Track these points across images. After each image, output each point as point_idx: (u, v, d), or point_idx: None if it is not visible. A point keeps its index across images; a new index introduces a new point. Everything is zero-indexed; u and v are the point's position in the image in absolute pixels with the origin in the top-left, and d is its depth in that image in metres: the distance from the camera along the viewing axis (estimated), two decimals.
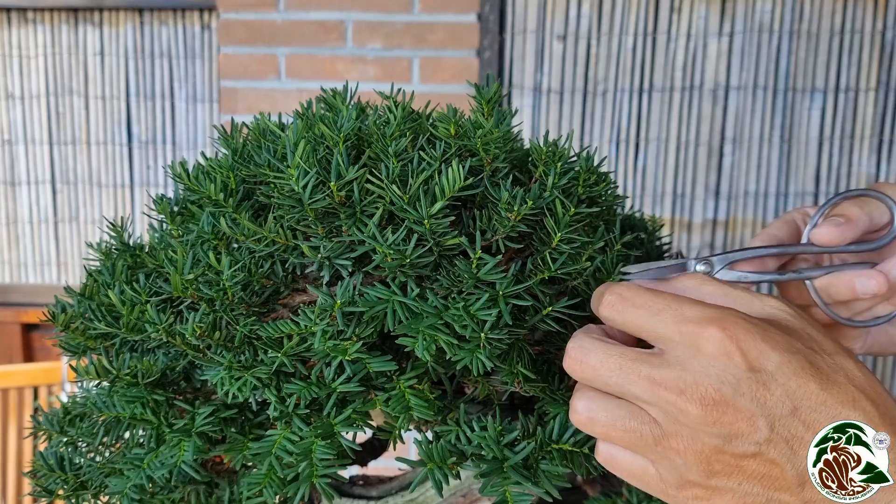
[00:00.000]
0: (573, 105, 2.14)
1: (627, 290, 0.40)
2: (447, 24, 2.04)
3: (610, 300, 0.41)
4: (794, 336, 0.38)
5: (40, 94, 2.47)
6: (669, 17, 2.08)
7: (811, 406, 0.36)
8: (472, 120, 0.48)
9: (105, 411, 0.50)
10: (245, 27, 2.09)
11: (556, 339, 0.49)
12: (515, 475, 0.43)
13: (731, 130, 2.10)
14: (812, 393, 0.36)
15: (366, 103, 0.53)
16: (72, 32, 2.44)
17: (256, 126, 0.52)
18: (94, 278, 0.55)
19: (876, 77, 2.05)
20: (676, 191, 2.14)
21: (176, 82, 2.43)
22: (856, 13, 2.03)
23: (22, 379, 1.79)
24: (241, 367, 0.47)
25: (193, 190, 0.49)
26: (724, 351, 0.36)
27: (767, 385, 0.36)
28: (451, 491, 0.54)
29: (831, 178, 2.10)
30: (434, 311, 0.43)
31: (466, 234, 0.45)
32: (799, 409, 0.36)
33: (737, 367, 0.36)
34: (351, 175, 0.44)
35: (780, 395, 0.36)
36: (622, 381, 0.38)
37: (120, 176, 2.50)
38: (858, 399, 0.36)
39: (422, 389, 0.47)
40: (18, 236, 2.56)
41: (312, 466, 0.46)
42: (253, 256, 0.47)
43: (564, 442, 0.45)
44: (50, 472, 0.55)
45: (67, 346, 0.54)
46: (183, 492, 0.53)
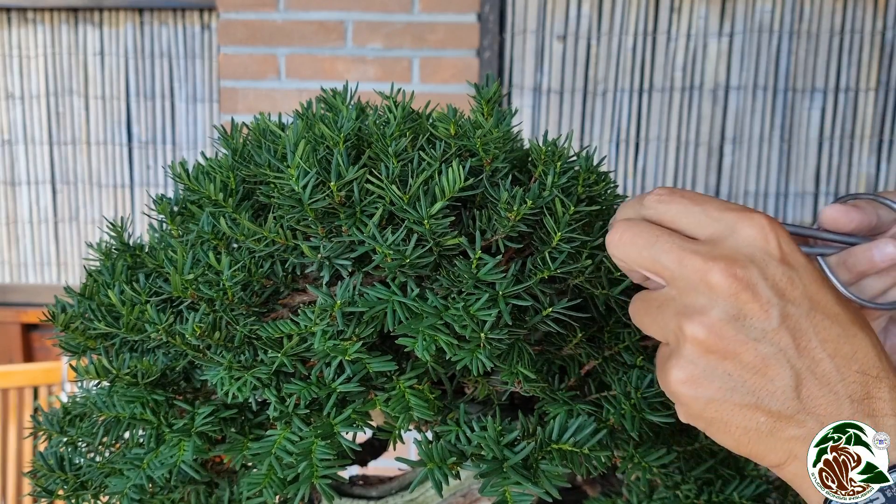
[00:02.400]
0: (573, 105, 2.14)
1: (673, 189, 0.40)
2: (447, 24, 2.04)
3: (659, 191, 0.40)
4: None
5: (40, 94, 2.47)
6: (669, 17, 2.08)
7: (826, 313, 0.36)
8: (472, 120, 0.48)
9: (105, 411, 0.50)
10: (245, 27, 2.09)
11: (556, 339, 0.49)
12: (515, 475, 0.43)
13: (731, 130, 2.10)
14: (829, 301, 0.37)
15: (366, 103, 0.53)
16: (72, 32, 2.44)
17: (256, 126, 0.52)
18: (94, 278, 0.55)
19: (876, 77, 2.05)
20: None
21: (176, 82, 2.43)
22: (856, 13, 2.03)
23: (22, 379, 1.79)
24: (241, 368, 0.47)
25: (193, 190, 0.49)
26: (763, 236, 0.37)
27: (792, 280, 0.36)
28: (451, 491, 0.54)
29: (831, 178, 2.10)
30: (434, 312, 0.43)
31: (466, 234, 0.45)
32: (814, 312, 0.36)
33: (769, 255, 0.36)
34: (351, 175, 0.44)
35: (800, 293, 0.36)
36: (654, 252, 0.38)
37: (120, 176, 2.50)
38: (864, 324, 0.37)
39: (422, 389, 0.47)
40: (18, 236, 2.56)
41: (312, 467, 0.46)
42: (253, 256, 0.47)
43: (564, 442, 0.45)
44: (50, 472, 0.55)
45: (67, 346, 0.54)
46: (183, 492, 0.53)
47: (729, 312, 0.36)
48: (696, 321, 0.36)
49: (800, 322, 0.36)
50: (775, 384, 0.36)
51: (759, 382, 0.36)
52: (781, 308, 0.36)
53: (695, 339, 0.37)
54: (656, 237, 0.38)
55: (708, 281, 0.36)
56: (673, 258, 0.37)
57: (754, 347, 0.36)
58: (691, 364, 0.37)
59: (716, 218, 0.38)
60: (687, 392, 0.37)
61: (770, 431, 0.36)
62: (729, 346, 0.36)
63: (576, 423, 0.45)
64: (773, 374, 0.36)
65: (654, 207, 0.40)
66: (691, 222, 0.39)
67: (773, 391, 0.36)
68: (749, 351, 0.36)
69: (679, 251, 0.37)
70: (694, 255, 0.37)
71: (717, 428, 0.38)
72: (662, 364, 0.40)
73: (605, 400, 0.48)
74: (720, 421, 0.37)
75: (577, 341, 0.48)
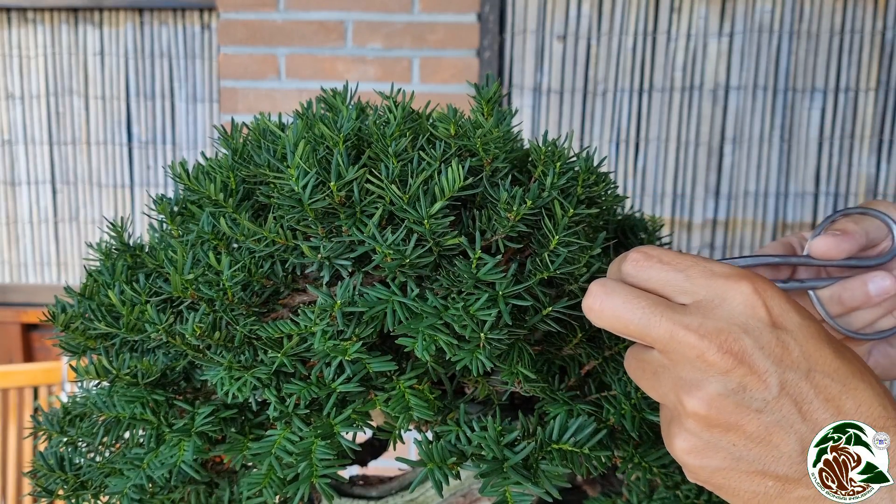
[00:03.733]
0: (573, 105, 2.14)
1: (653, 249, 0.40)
2: (447, 24, 2.04)
3: (635, 257, 0.40)
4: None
5: (40, 94, 2.47)
6: (669, 17, 2.08)
7: (825, 371, 0.36)
8: (472, 120, 0.48)
9: (105, 411, 0.50)
10: (245, 27, 2.09)
11: (556, 339, 0.49)
12: (515, 475, 0.43)
13: (731, 130, 2.10)
14: (828, 358, 0.36)
15: (366, 103, 0.53)
16: (72, 32, 2.44)
17: (256, 126, 0.52)
18: (94, 278, 0.55)
19: (876, 77, 2.05)
20: (676, 191, 2.14)
21: (176, 82, 2.43)
22: (856, 13, 2.03)
23: (22, 379, 1.79)
24: (240, 368, 0.47)
25: (193, 190, 0.49)
26: (751, 304, 0.36)
27: (787, 344, 0.36)
28: (451, 491, 0.54)
29: (831, 178, 2.10)
30: (434, 312, 0.43)
31: (466, 234, 0.45)
32: (813, 372, 0.36)
33: (761, 321, 0.36)
34: (351, 175, 0.44)
35: (797, 356, 0.36)
36: (644, 324, 0.37)
37: (120, 176, 2.50)
38: (865, 372, 0.37)
39: (422, 389, 0.47)
40: (18, 236, 2.56)
41: (312, 466, 0.46)
42: (253, 256, 0.47)
43: (564, 442, 0.45)
44: (50, 472, 0.55)
45: (67, 346, 0.54)
46: (183, 492, 0.53)
47: (728, 387, 0.36)
48: (695, 397, 0.36)
49: (799, 386, 0.36)
50: (781, 450, 0.36)
51: (764, 451, 0.36)
52: (780, 375, 0.36)
53: (696, 415, 0.36)
54: (642, 309, 0.38)
55: (704, 359, 0.36)
56: (664, 332, 0.37)
57: (757, 418, 0.36)
58: (694, 437, 0.37)
59: (701, 286, 0.38)
60: (692, 462, 0.38)
61: (779, 493, 0.36)
62: (731, 419, 0.36)
63: (576, 423, 0.45)
64: (777, 441, 0.36)
65: (633, 275, 0.40)
66: (676, 290, 0.38)
67: (780, 457, 0.36)
68: (752, 422, 0.36)
69: (670, 325, 0.37)
70: (686, 330, 0.36)
71: (725, 492, 0.38)
72: (666, 427, 0.40)
73: (605, 400, 0.48)
74: (728, 487, 0.37)
75: (577, 341, 0.48)
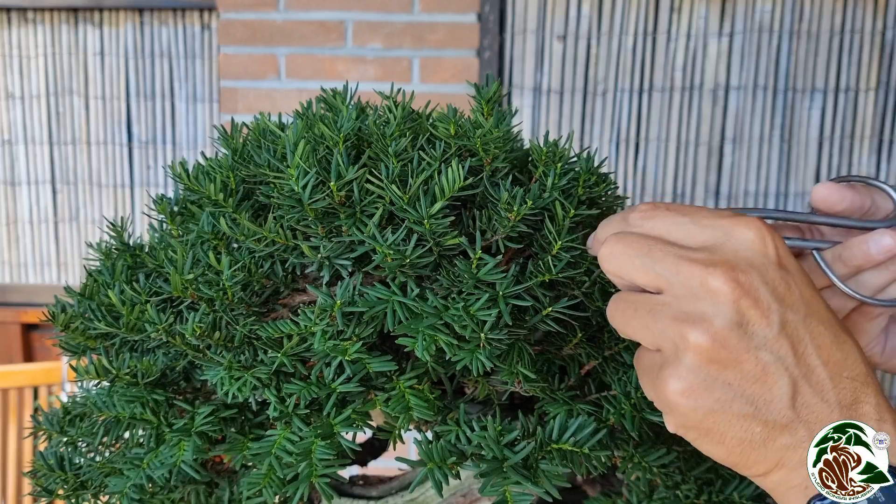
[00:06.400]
0: (573, 105, 2.14)
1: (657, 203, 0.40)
2: (447, 24, 2.04)
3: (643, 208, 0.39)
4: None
5: (40, 94, 2.47)
6: (669, 17, 2.08)
7: (820, 319, 0.36)
8: (472, 120, 0.48)
9: (105, 411, 0.50)
10: (245, 27, 2.09)
11: (556, 339, 0.49)
12: (515, 475, 0.43)
13: (731, 130, 2.10)
14: (822, 307, 0.37)
15: (366, 103, 0.53)
16: (72, 32, 2.44)
17: (256, 126, 0.52)
18: (94, 278, 0.55)
19: (876, 77, 2.05)
20: (676, 191, 2.14)
21: (176, 82, 2.43)
22: (856, 13, 2.03)
23: (22, 379, 1.79)
24: (240, 367, 0.47)
25: (193, 190, 0.49)
26: (760, 241, 0.36)
27: (789, 284, 0.36)
28: (451, 491, 0.54)
29: (831, 177, 2.10)
30: (434, 312, 0.43)
31: (466, 234, 0.45)
32: (809, 318, 0.36)
33: (767, 258, 0.36)
34: (351, 175, 0.44)
35: (797, 297, 0.36)
36: (648, 261, 0.37)
37: (120, 176, 2.50)
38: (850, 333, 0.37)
39: (422, 389, 0.47)
40: (18, 236, 2.56)
41: (312, 466, 0.46)
42: (253, 256, 0.47)
43: (564, 442, 0.45)
44: (50, 472, 0.55)
45: (67, 346, 0.54)
46: (183, 492, 0.53)
47: (732, 319, 0.35)
48: (700, 328, 0.35)
49: (797, 328, 0.36)
50: (773, 393, 0.35)
51: (758, 392, 0.35)
52: (781, 314, 0.35)
53: (698, 348, 0.35)
54: (649, 247, 0.37)
55: (709, 287, 0.35)
56: (669, 265, 0.36)
57: (755, 356, 0.35)
58: (692, 374, 0.36)
59: (708, 225, 0.37)
60: (685, 403, 0.36)
61: (763, 442, 0.36)
62: (732, 355, 0.35)
63: (576, 422, 0.45)
64: (771, 382, 0.35)
65: (639, 224, 0.39)
66: (682, 233, 0.38)
67: (770, 401, 0.35)
68: (750, 359, 0.35)
69: (675, 258, 0.36)
70: (692, 261, 0.36)
71: (709, 439, 0.37)
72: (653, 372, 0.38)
73: (605, 400, 0.48)
74: (715, 432, 0.36)
75: (577, 341, 0.48)
